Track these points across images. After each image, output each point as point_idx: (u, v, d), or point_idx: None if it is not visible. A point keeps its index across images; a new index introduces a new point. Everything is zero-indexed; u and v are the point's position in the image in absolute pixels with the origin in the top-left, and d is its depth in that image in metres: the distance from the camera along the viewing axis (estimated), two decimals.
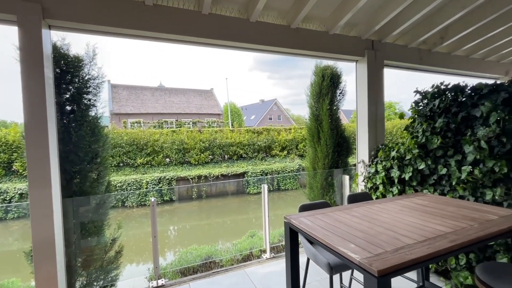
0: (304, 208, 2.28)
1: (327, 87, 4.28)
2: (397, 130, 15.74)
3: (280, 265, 3.31)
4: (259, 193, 14.01)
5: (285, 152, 15.39)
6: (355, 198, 2.73)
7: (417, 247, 1.33)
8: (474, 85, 2.70)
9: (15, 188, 10.24)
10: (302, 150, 15.38)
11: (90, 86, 3.04)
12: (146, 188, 11.93)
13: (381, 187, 3.46)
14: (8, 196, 10.05)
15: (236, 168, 13.71)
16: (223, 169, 13.50)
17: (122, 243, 3.32)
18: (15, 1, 2.25)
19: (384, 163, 3.45)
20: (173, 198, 12.36)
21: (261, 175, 13.49)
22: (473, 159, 2.41)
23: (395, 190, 3.27)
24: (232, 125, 29.79)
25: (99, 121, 3.09)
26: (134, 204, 11.44)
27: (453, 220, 1.74)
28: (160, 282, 2.98)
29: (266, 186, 3.56)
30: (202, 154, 13.98)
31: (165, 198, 12.06)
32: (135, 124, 26.81)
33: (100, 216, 3.12)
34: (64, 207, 2.62)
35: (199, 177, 12.71)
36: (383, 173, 3.40)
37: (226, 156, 14.77)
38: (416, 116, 3.16)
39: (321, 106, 4.28)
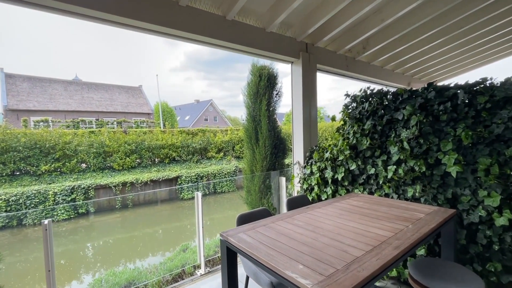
0: (242, 220, 2.02)
1: (264, 87, 4.17)
2: (323, 133, 17.25)
3: (216, 281, 2.98)
4: (194, 197, 13.39)
5: (222, 154, 15.05)
6: (294, 202, 2.62)
7: (366, 260, 1.21)
8: (395, 90, 2.94)
9: None
10: (239, 152, 15.32)
11: None
12: (53, 200, 9.84)
13: (316, 188, 3.51)
14: None
15: (168, 172, 12.65)
16: (153, 174, 12.26)
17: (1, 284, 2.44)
18: None
19: (318, 164, 3.51)
20: (91, 210, 10.56)
21: (196, 179, 12.81)
22: (397, 159, 2.58)
23: (329, 190, 3.34)
24: (164, 125, 27.76)
25: None
26: (36, 221, 9.28)
27: (389, 221, 1.74)
28: None
29: (200, 194, 3.18)
30: (127, 158, 12.40)
31: (80, 211, 10.20)
32: (41, 123, 22.23)
33: None
34: None
35: (124, 184, 11.22)
36: (318, 174, 3.45)
37: (156, 159, 13.50)
38: (347, 118, 3.29)
39: (259, 106, 4.14)
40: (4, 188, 9.76)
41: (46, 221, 2.27)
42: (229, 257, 1.61)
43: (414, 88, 2.78)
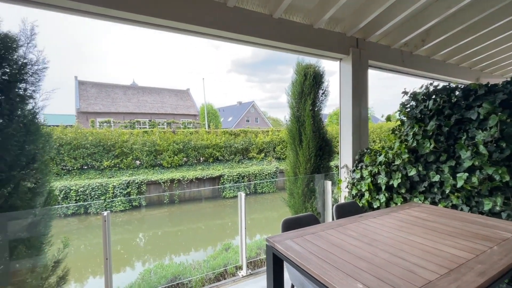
0: (288, 225, 1.92)
1: (309, 86, 4.00)
2: (370, 134, 16.12)
3: (258, 284, 2.92)
4: (236, 197, 13.56)
5: (263, 154, 15.10)
6: (343, 209, 2.42)
7: (442, 286, 1.01)
8: (465, 86, 2.54)
9: None
10: (280, 153, 15.19)
11: (26, 73, 2.45)
12: (113, 192, 10.96)
13: (366, 194, 3.22)
14: None
15: (212, 171, 13.13)
16: (198, 172, 12.85)
17: (68, 265, 2.73)
18: None
19: (370, 168, 3.22)
20: (143, 204, 11.49)
21: (238, 178, 13.05)
22: (469, 165, 2.21)
23: (382, 197, 3.03)
24: (208, 126, 29.02)
25: (37, 116, 2.50)
26: (98, 210, 10.43)
27: (465, 239, 1.47)
28: None
29: (243, 195, 3.16)
30: (175, 157, 13.22)
31: (134, 204, 11.17)
32: (104, 123, 25.07)
33: (37, 234, 2.51)
34: None
35: (172, 180, 11.97)
36: (369, 179, 3.16)
37: (201, 158, 14.13)
38: (405, 118, 2.96)
39: (303, 106, 3.99)
40: (75, 180, 11.20)
41: (105, 213, 2.47)
42: (275, 264, 1.53)
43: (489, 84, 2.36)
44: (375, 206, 3.11)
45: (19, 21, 2.50)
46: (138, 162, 12.99)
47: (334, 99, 3.74)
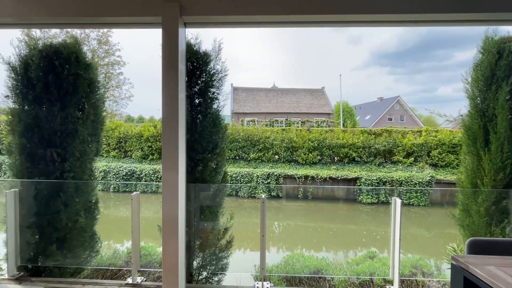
0: (479, 247, 1.46)
1: (506, 67, 2.92)
2: None
3: None
4: (374, 203, 12.24)
5: (411, 159, 12.74)
6: None
7: None
8: None
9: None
10: (437, 158, 12.28)
11: (214, 80, 3.20)
12: (256, 181, 12.67)
13: None
14: (159, 175, 13.04)
15: (347, 172, 12.48)
16: (332, 171, 12.59)
17: (233, 234, 3.37)
18: (159, 4, 2.53)
19: None
20: (280, 195, 12.57)
21: (378, 183, 11.69)
22: None
23: None
24: (343, 125, 27.80)
25: (220, 113, 3.22)
26: (245, 195, 12.38)
27: None
28: (266, 285, 2.79)
29: (399, 201, 2.75)
30: (310, 154, 13.56)
31: (272, 194, 12.45)
32: (250, 122, 29.44)
33: (216, 204, 3.26)
34: (187, 191, 2.83)
35: (306, 177, 12.37)
36: None
37: (336, 158, 13.75)
38: None
39: (494, 96, 2.96)
40: (230, 167, 13.85)
41: (263, 195, 2.84)
42: None
43: None
44: None
45: (211, 40, 3.30)
46: (277, 156, 14.34)
47: None
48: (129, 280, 2.83)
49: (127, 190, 13.05)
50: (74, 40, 3.34)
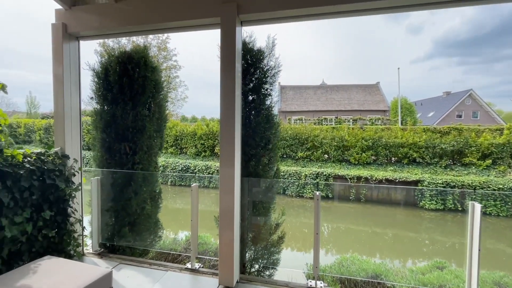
0: None
1: None
2: None
3: None
4: (439, 210, 10.93)
5: (488, 161, 10.95)
6: None
7: None
8: None
9: (216, 165, 13.87)
10: None
11: (268, 76, 3.22)
12: (304, 180, 12.42)
13: None
14: (211, 171, 13.78)
15: (406, 174, 11.35)
16: (388, 173, 11.61)
17: (284, 230, 3.37)
18: (217, 5, 2.65)
19: None
20: (329, 195, 12.11)
21: (444, 187, 10.37)
22: None
23: None
24: (401, 122, 25.38)
25: (273, 109, 3.24)
26: (293, 193, 12.26)
27: None
28: (319, 284, 2.71)
29: (478, 206, 2.38)
30: (363, 154, 12.73)
31: (322, 194, 12.08)
32: (298, 121, 29.03)
33: (268, 199, 3.29)
34: (241, 185, 2.92)
35: (359, 178, 11.65)
36: None
37: (393, 158, 12.63)
38: None
39: None
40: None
41: (317, 193, 2.77)
42: None
43: None
44: None
45: (263, 38, 3.33)
46: (326, 156, 13.83)
47: None
48: (188, 265, 3.05)
49: (182, 184, 14.12)
50: (143, 46, 3.73)
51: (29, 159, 2.59)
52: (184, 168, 14.30)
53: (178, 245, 4.04)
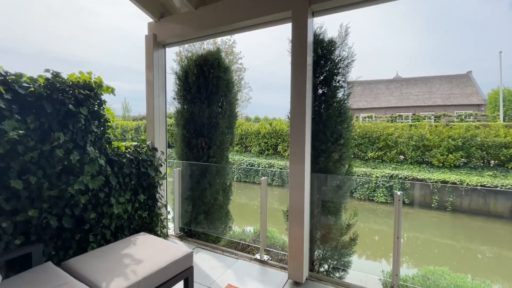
0: None
1: None
2: None
3: None
4: None
5: None
6: None
7: None
8: None
9: (278, 164, 13.98)
10: None
11: (340, 67, 3.05)
12: (375, 183, 11.37)
13: None
14: (273, 169, 13.96)
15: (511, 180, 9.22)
16: (485, 178, 9.64)
17: (357, 232, 3.14)
18: None
19: None
20: (406, 201, 10.78)
21: None
22: None
23: None
24: (504, 118, 20.75)
25: (345, 102, 3.05)
26: (362, 196, 11.37)
27: None
28: None
29: None
30: (450, 155, 10.89)
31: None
32: (367, 118, 26.80)
33: (339, 197, 3.12)
34: (311, 181, 2.84)
35: (444, 182, 10.01)
36: None
37: (492, 161, 10.42)
38: None
39: None
40: None
41: (398, 193, 2.48)
42: None
43: None
44: None
45: (336, 26, 3.16)
46: (402, 156, 12.37)
47: None
48: (257, 256, 3.14)
49: (247, 180, 14.70)
50: (216, 48, 4.01)
51: (129, 150, 3.08)
52: (249, 165, 14.87)
53: (247, 236, 4.21)
